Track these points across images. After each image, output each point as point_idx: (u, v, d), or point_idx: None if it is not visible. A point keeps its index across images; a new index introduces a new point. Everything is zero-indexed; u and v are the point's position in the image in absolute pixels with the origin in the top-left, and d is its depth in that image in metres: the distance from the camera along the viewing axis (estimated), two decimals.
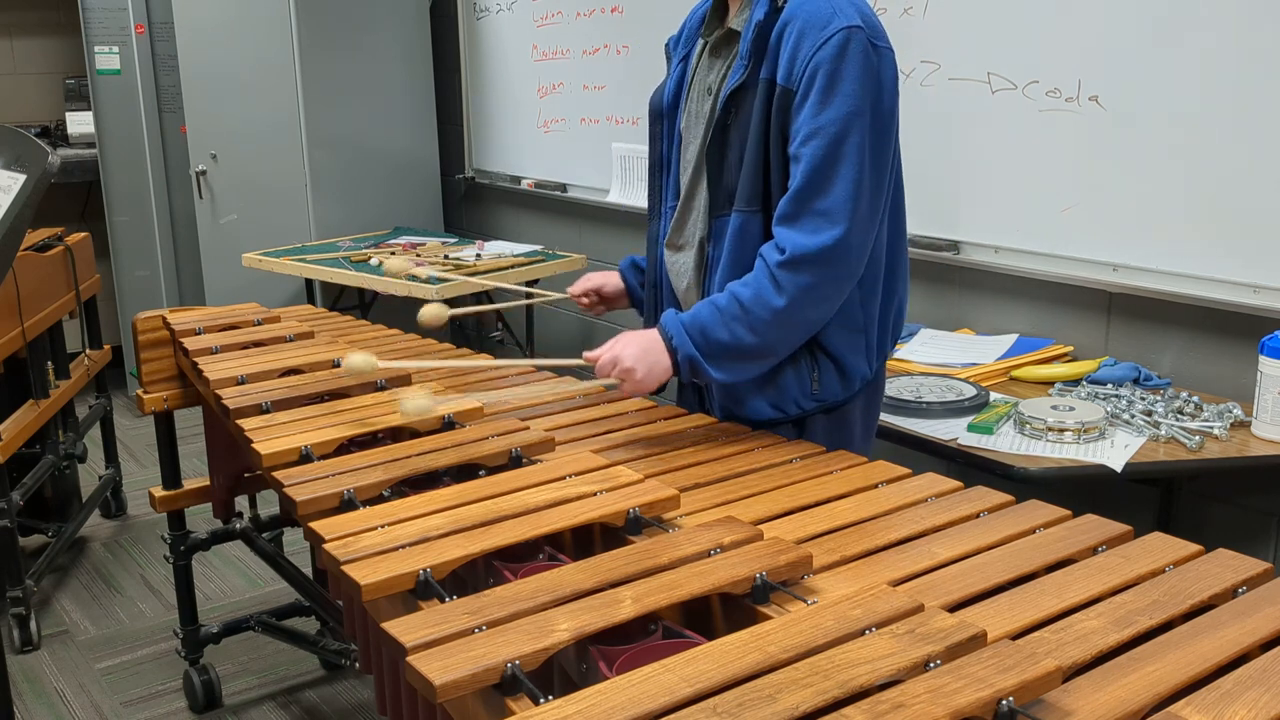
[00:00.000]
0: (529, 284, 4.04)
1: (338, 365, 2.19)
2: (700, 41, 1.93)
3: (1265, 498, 2.41)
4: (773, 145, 1.74)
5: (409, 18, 4.66)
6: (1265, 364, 2.13)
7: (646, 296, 2.08)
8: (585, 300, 2.18)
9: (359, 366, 1.78)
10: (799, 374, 1.83)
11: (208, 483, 2.75)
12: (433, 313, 1.80)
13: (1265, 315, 2.31)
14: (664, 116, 1.98)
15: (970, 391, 2.37)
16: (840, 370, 1.85)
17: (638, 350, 1.74)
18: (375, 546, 1.34)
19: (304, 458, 1.70)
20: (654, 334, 1.77)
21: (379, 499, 1.55)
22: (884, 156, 1.73)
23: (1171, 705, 1.00)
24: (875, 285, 1.83)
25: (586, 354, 1.80)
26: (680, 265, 1.95)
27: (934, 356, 2.66)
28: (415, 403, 1.73)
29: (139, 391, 2.63)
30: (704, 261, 1.88)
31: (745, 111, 1.76)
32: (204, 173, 4.76)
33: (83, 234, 3.83)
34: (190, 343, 2.38)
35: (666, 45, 2.03)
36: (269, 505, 2.96)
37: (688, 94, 1.93)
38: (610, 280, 2.17)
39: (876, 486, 1.57)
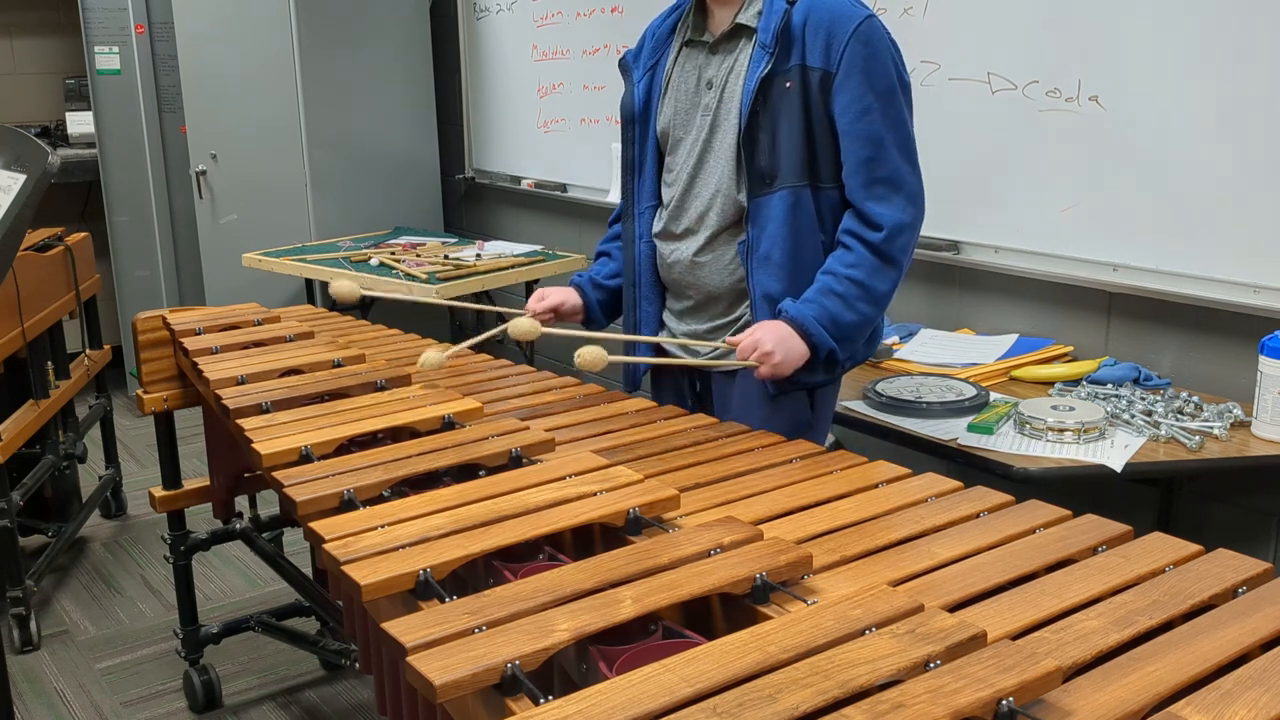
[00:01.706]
0: (530, 284, 4.04)
1: (339, 365, 2.19)
2: (677, 45, 2.06)
3: (1265, 498, 2.41)
4: (816, 123, 1.91)
5: (409, 18, 4.66)
6: (1265, 364, 2.13)
7: (625, 295, 2.18)
8: (544, 318, 2.21)
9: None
10: None
11: (208, 483, 2.75)
12: (592, 356, 1.88)
13: (1265, 315, 2.31)
14: (635, 122, 2.11)
15: (970, 391, 2.37)
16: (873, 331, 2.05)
17: (778, 336, 1.89)
18: (375, 546, 1.34)
19: (304, 458, 1.70)
20: (785, 326, 1.91)
21: (379, 499, 1.55)
22: (912, 119, 1.96)
23: (1171, 705, 1.00)
24: None
25: (728, 338, 1.97)
26: (680, 253, 2.05)
27: (934, 356, 2.66)
28: (592, 352, 1.84)
29: (139, 391, 2.63)
30: (742, 244, 1.98)
31: (774, 97, 1.91)
32: (204, 173, 4.76)
33: (83, 234, 3.83)
34: (190, 343, 2.38)
35: (623, 61, 2.16)
36: (269, 505, 2.96)
37: (663, 97, 2.06)
38: (569, 298, 2.22)
39: (876, 486, 1.57)
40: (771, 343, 1.88)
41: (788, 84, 1.89)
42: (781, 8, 1.90)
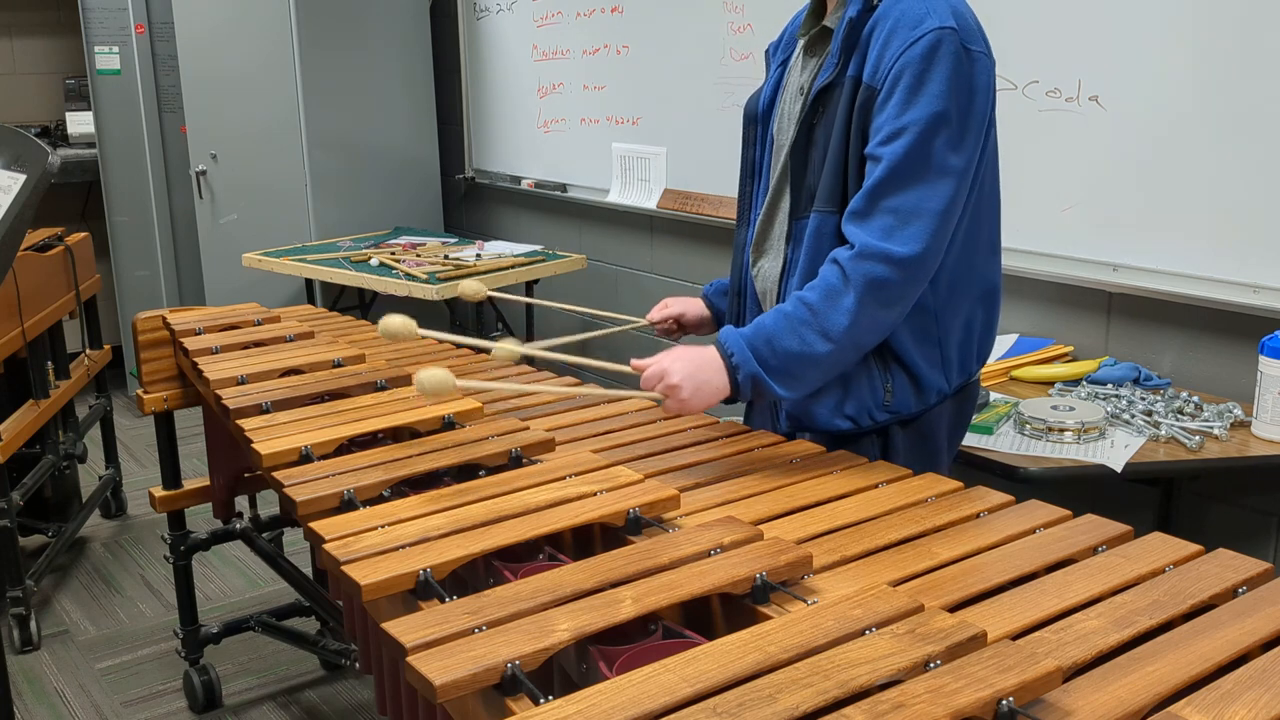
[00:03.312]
0: (529, 284, 4.04)
1: (339, 365, 2.19)
2: (800, 42, 1.88)
3: (1265, 498, 2.41)
4: (852, 144, 1.69)
5: (409, 18, 4.66)
6: (1265, 364, 2.13)
7: (730, 304, 2.01)
8: (664, 327, 2.12)
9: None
10: (871, 383, 1.75)
11: (208, 483, 2.75)
12: (433, 383, 1.54)
13: (1265, 315, 2.31)
14: (758, 121, 1.93)
15: None
16: (915, 382, 1.76)
17: (689, 367, 1.63)
18: (375, 546, 1.34)
19: (304, 458, 1.70)
20: (710, 351, 1.66)
21: (379, 499, 1.55)
22: (973, 163, 1.68)
23: (1171, 705, 1.00)
24: (957, 297, 1.76)
25: (634, 361, 1.69)
26: (765, 271, 1.89)
27: None
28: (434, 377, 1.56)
29: (139, 391, 2.63)
30: (785, 265, 1.83)
31: (831, 110, 1.72)
32: (204, 173, 4.76)
33: (83, 234, 3.83)
34: (190, 343, 2.38)
35: (766, 51, 1.99)
36: (269, 505, 2.96)
37: (781, 97, 1.89)
38: (691, 307, 2.09)
39: (876, 486, 1.57)
40: (679, 374, 1.62)
41: (841, 98, 1.70)
42: (854, 11, 1.69)
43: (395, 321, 1.67)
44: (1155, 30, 2.41)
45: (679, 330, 2.13)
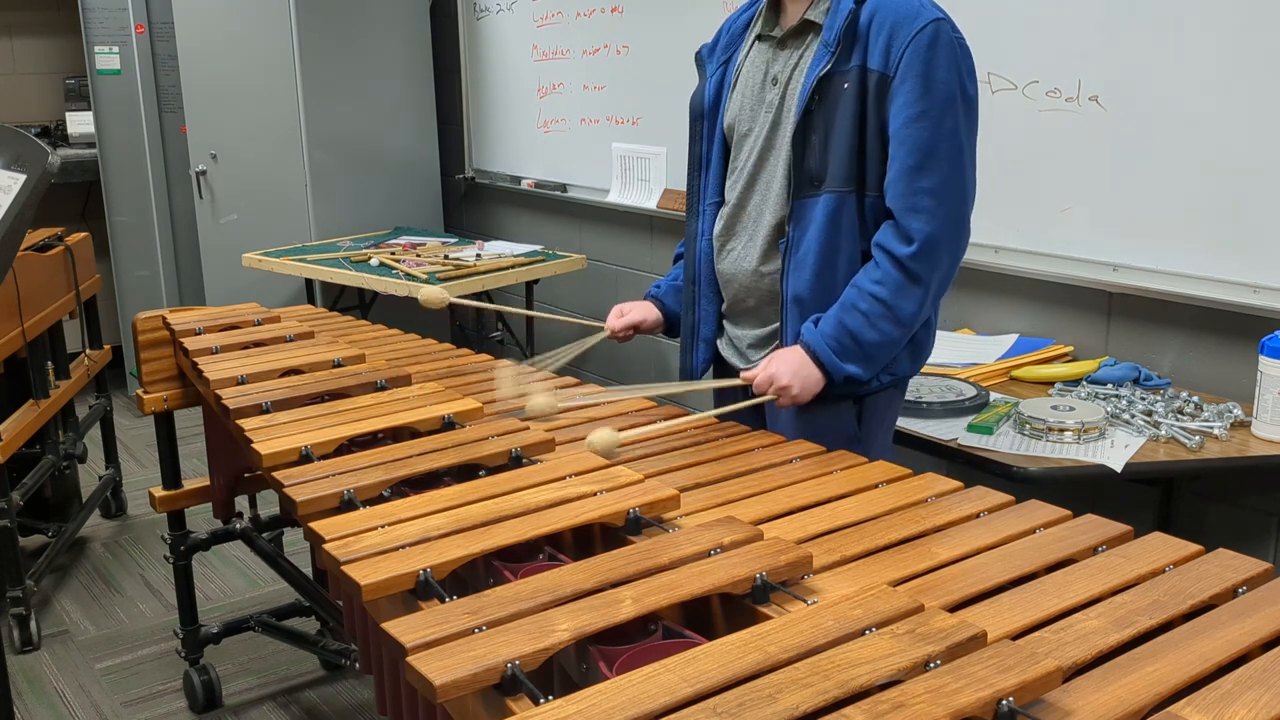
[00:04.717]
0: (530, 284, 4.04)
1: (339, 365, 2.19)
2: (751, 40, 2.02)
3: (1265, 498, 2.41)
4: (869, 128, 1.85)
5: (409, 18, 4.66)
6: (1265, 364, 2.13)
7: (685, 292, 2.14)
8: (624, 336, 2.21)
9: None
10: None
11: (208, 483, 2.75)
12: (434, 296, 1.77)
13: (1265, 315, 2.31)
14: (704, 117, 2.07)
15: (970, 391, 2.37)
16: (913, 346, 1.96)
17: (791, 367, 1.87)
18: (375, 547, 1.34)
19: (304, 458, 1.70)
20: (800, 353, 1.88)
21: (379, 499, 1.55)
22: (975, 136, 1.89)
23: (1171, 705, 1.00)
24: None
25: (744, 373, 1.94)
26: (737, 254, 2.02)
27: (934, 356, 2.64)
28: (602, 437, 1.75)
29: (139, 391, 2.63)
30: (783, 243, 1.94)
31: (831, 97, 1.86)
32: (204, 173, 4.76)
33: (83, 234, 3.83)
34: (190, 343, 2.38)
35: (698, 54, 2.11)
36: (269, 505, 2.95)
37: (732, 92, 2.02)
38: (649, 314, 2.21)
39: (876, 486, 1.57)
40: (787, 375, 1.86)
41: (845, 85, 1.83)
42: (848, 6, 1.84)
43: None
44: (1155, 30, 2.41)
45: (634, 334, 2.23)
